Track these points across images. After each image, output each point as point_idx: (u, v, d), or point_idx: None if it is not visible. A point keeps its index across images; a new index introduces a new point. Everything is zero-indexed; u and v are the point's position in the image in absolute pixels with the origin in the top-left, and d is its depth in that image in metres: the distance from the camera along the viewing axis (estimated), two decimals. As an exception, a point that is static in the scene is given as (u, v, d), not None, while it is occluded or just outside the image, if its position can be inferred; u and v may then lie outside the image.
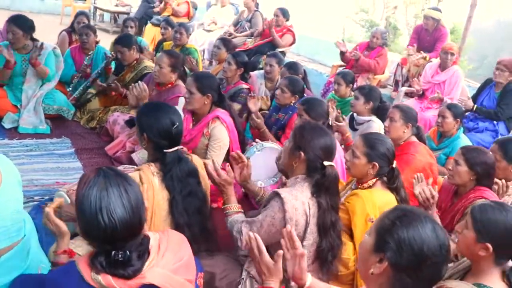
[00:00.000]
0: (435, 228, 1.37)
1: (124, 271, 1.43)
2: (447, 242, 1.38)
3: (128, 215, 1.44)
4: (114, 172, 1.51)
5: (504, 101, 4.75)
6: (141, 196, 1.53)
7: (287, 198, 2.09)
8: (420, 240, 1.34)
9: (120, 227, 1.42)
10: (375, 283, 1.41)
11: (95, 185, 1.44)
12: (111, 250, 1.43)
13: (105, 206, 1.41)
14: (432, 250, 1.34)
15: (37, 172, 3.50)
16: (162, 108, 2.45)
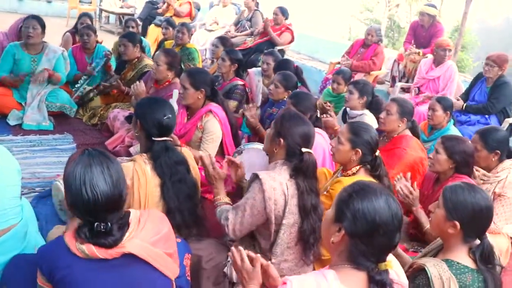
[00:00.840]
0: (388, 200, 1.49)
1: (105, 241, 1.58)
2: (399, 213, 1.50)
3: (109, 189, 1.60)
4: (98, 152, 1.68)
5: (494, 95, 4.85)
6: (122, 174, 1.68)
7: (265, 178, 2.23)
8: (373, 210, 1.46)
9: (102, 200, 1.58)
10: (336, 250, 1.54)
11: (80, 162, 1.61)
12: (94, 222, 1.58)
13: (89, 180, 1.58)
14: (384, 220, 1.46)
15: (39, 166, 3.67)
16: (159, 102, 2.64)
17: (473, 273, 2.01)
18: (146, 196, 2.42)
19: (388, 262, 1.50)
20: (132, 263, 1.65)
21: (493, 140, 3.20)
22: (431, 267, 2.01)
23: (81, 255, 1.58)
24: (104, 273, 1.61)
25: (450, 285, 1.96)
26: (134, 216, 1.71)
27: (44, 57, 4.53)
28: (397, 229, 1.48)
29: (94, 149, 1.68)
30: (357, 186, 1.55)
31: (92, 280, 1.60)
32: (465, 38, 16.58)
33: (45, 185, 3.32)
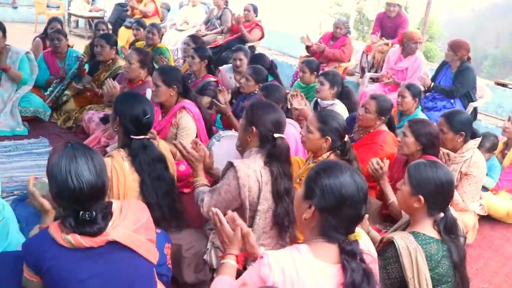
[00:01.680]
0: (353, 175, 1.59)
1: (90, 229, 1.65)
2: (365, 186, 1.61)
3: (94, 178, 1.66)
4: (81, 144, 1.75)
5: (458, 80, 5.05)
6: (104, 165, 1.75)
7: (240, 166, 2.33)
8: (339, 185, 1.57)
9: (87, 188, 1.65)
10: (308, 227, 1.64)
11: (64, 154, 1.68)
12: (79, 211, 1.65)
13: (74, 170, 1.64)
14: (350, 193, 1.56)
15: (16, 170, 3.69)
16: (138, 99, 2.67)
17: (438, 243, 2.15)
18: (125, 191, 2.47)
19: (357, 233, 1.61)
20: (117, 250, 1.72)
21: (458, 122, 3.35)
22: (399, 239, 2.14)
23: (67, 245, 1.64)
24: (90, 261, 1.68)
25: (417, 255, 2.09)
26: (116, 206, 1.78)
27: (8, 59, 4.50)
28: (363, 201, 1.59)
29: (76, 142, 1.75)
30: (323, 165, 1.66)
31: (79, 268, 1.66)
32: (433, 29, 16.99)
33: (23, 188, 3.34)
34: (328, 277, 1.53)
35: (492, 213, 3.84)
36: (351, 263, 1.54)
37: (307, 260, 1.53)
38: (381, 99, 3.56)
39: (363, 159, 3.36)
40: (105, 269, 1.70)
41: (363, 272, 1.56)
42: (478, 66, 26.70)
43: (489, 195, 3.87)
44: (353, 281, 1.52)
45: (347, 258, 1.55)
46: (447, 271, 2.14)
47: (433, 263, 2.10)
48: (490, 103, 5.81)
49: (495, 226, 3.87)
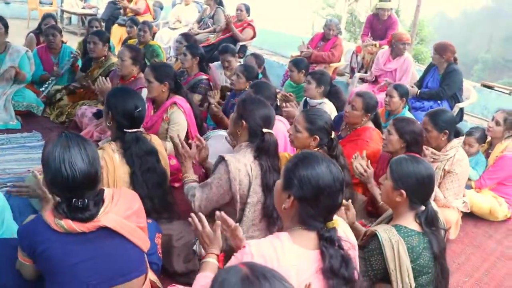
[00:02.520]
0: (329, 166, 1.67)
1: (82, 215, 1.72)
2: (340, 176, 1.69)
3: (87, 167, 1.73)
4: (74, 134, 1.82)
5: (445, 82, 5.14)
6: (97, 154, 1.82)
7: (230, 160, 2.40)
8: (316, 175, 1.64)
9: (80, 177, 1.71)
10: (288, 216, 1.72)
11: (58, 143, 1.74)
12: (72, 198, 1.71)
13: (67, 159, 1.70)
14: (327, 183, 1.64)
15: (9, 162, 3.74)
16: (130, 93, 2.75)
17: (419, 236, 2.23)
18: (115, 182, 2.53)
19: (335, 221, 1.69)
20: (108, 236, 1.79)
21: (442, 121, 3.43)
22: (382, 232, 2.22)
23: (60, 230, 1.71)
24: (81, 246, 1.75)
25: (399, 247, 2.18)
26: (108, 193, 1.85)
27: (7, 56, 4.55)
28: (339, 191, 1.67)
29: (70, 132, 1.82)
30: (301, 156, 1.74)
31: (71, 252, 1.74)
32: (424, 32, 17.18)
33: (16, 180, 3.39)
34: (307, 262, 1.61)
35: (475, 211, 3.93)
36: (329, 249, 1.62)
37: (287, 247, 1.61)
38: (367, 96, 3.64)
39: (350, 155, 3.44)
40: (96, 254, 1.77)
41: (341, 258, 1.64)
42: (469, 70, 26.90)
43: (473, 192, 3.97)
44: (331, 266, 1.60)
45: (326, 244, 1.63)
46: (427, 262, 2.22)
47: (415, 254, 2.18)
48: (476, 104, 5.94)
49: (478, 223, 3.96)
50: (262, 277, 1.11)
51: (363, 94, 3.66)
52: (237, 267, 1.16)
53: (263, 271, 1.14)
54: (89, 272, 1.77)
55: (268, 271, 1.15)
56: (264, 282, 1.10)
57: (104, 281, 1.80)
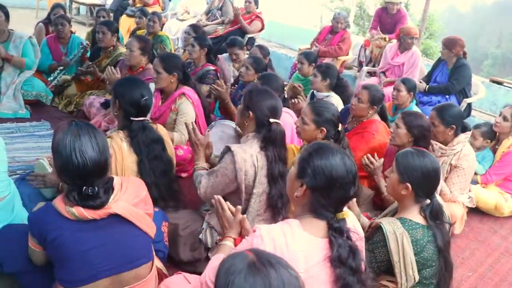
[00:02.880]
0: (344, 158, 1.69)
1: (93, 203, 1.75)
2: (354, 169, 1.71)
3: (97, 155, 1.76)
4: (84, 123, 1.85)
5: (454, 76, 5.13)
6: (106, 142, 1.85)
7: (237, 151, 2.43)
8: (330, 166, 1.66)
9: (90, 165, 1.74)
10: (300, 204, 1.75)
11: (69, 131, 1.77)
12: (83, 186, 1.74)
13: (78, 147, 1.73)
14: (340, 174, 1.66)
15: (18, 151, 3.78)
16: (136, 82, 2.78)
17: (424, 229, 2.25)
18: (123, 170, 2.57)
19: (345, 212, 1.71)
20: (117, 223, 1.82)
21: (449, 116, 3.44)
22: (386, 225, 2.24)
23: (71, 217, 1.75)
24: (92, 233, 1.78)
25: (403, 240, 2.20)
26: (117, 182, 1.89)
27: (11, 44, 4.55)
28: (352, 183, 1.69)
29: (80, 121, 1.84)
30: (316, 146, 1.76)
31: (81, 239, 1.77)
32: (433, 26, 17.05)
33: (25, 168, 3.44)
34: (316, 249, 1.64)
35: (481, 206, 3.93)
36: (338, 239, 1.64)
37: (297, 234, 1.63)
38: (373, 89, 3.65)
39: (356, 147, 3.47)
40: (107, 241, 1.80)
41: (349, 248, 1.66)
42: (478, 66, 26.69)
43: (478, 188, 3.96)
44: (339, 256, 1.63)
45: (335, 234, 1.65)
46: (431, 255, 2.24)
47: (419, 247, 2.20)
48: (485, 100, 5.92)
49: (483, 219, 3.97)
50: (268, 264, 1.14)
51: (369, 86, 3.67)
52: (243, 254, 1.18)
53: (269, 258, 1.17)
54: (100, 259, 1.80)
55: (273, 258, 1.18)
56: (270, 268, 1.13)
57: (114, 267, 1.83)
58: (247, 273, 1.12)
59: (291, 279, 1.14)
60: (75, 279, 1.77)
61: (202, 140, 2.72)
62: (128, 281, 1.88)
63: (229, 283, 1.11)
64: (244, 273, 1.12)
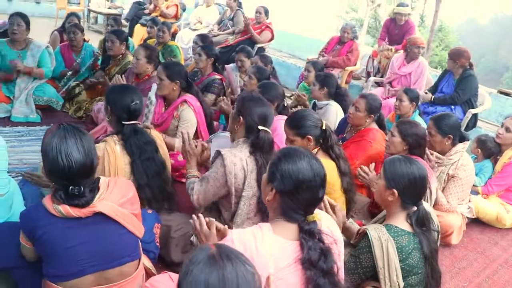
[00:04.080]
0: (311, 161, 1.74)
1: (78, 201, 1.84)
2: (322, 172, 1.75)
3: (82, 157, 1.84)
4: (72, 126, 1.92)
5: (460, 87, 5.13)
6: (93, 145, 1.93)
7: (226, 155, 2.50)
8: (297, 170, 1.72)
9: (76, 166, 1.82)
10: (271, 207, 1.81)
11: (56, 134, 1.86)
12: (69, 186, 1.83)
13: (64, 150, 1.82)
14: (307, 177, 1.71)
15: (26, 153, 3.92)
16: (127, 88, 2.88)
17: (409, 236, 2.27)
18: (116, 172, 2.65)
19: (315, 214, 1.76)
20: (103, 221, 1.90)
21: (445, 125, 3.46)
22: (372, 231, 2.28)
23: (58, 215, 1.83)
24: (78, 230, 1.86)
25: (388, 246, 2.23)
26: (103, 182, 1.97)
27: (28, 52, 4.73)
28: (320, 185, 1.74)
29: (68, 124, 1.93)
30: (285, 151, 1.82)
31: (68, 235, 1.85)
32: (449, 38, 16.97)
33: (31, 170, 3.53)
34: (286, 252, 1.69)
35: (481, 217, 3.91)
36: (308, 241, 1.69)
37: (267, 237, 1.68)
38: (370, 97, 3.69)
39: (353, 156, 3.51)
40: (91, 238, 1.88)
41: (321, 250, 1.70)
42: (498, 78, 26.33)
43: (479, 198, 3.95)
44: (309, 258, 1.67)
45: (305, 236, 1.70)
46: (417, 262, 2.26)
47: (404, 254, 2.23)
48: (492, 111, 5.89)
49: (484, 230, 3.94)
50: (226, 258, 1.20)
51: (367, 95, 3.71)
52: (208, 247, 1.25)
53: (228, 252, 1.22)
54: (84, 255, 1.87)
55: (233, 253, 1.23)
56: (227, 262, 1.18)
57: (98, 264, 1.90)
58: (205, 264, 1.18)
59: (246, 274, 1.19)
60: (61, 274, 1.85)
61: (195, 150, 2.80)
62: (113, 278, 1.95)
63: (189, 272, 1.18)
64: (202, 264, 1.18)
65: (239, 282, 1.16)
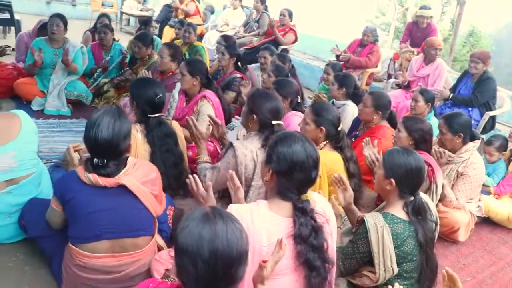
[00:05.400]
0: (305, 145, 1.91)
1: (104, 171, 2.09)
2: (315, 155, 1.92)
3: (108, 136, 2.09)
4: (118, 109, 2.21)
5: (478, 89, 5.17)
6: (125, 132, 2.16)
7: (238, 146, 2.68)
8: (291, 152, 1.89)
9: (100, 142, 2.08)
10: (269, 187, 1.98)
11: (101, 110, 2.16)
12: (95, 157, 2.08)
13: (97, 124, 2.08)
14: (300, 159, 1.88)
15: (57, 143, 4.21)
16: (150, 83, 3.09)
17: (405, 224, 2.39)
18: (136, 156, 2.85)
19: (308, 194, 1.92)
20: (124, 194, 2.15)
21: (456, 124, 3.54)
22: (369, 217, 2.41)
23: (87, 182, 2.09)
24: (102, 198, 2.12)
25: (383, 232, 2.35)
26: (131, 160, 2.22)
27: (64, 50, 5.05)
28: (312, 167, 1.90)
29: (117, 107, 2.20)
30: (282, 135, 2.00)
31: (92, 202, 2.11)
32: (480, 43, 16.73)
33: (60, 157, 3.82)
34: (279, 227, 1.86)
35: (492, 216, 3.95)
36: (300, 218, 1.85)
37: (263, 212, 1.86)
38: (377, 94, 3.84)
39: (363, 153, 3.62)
40: (112, 206, 2.13)
41: (312, 227, 1.86)
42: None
43: (490, 198, 4.00)
44: (300, 233, 1.83)
45: (298, 213, 1.86)
46: (412, 250, 2.37)
47: (399, 241, 2.34)
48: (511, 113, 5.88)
49: (495, 230, 3.97)
50: (218, 216, 1.39)
51: (374, 92, 3.86)
52: (203, 207, 1.44)
53: (221, 212, 1.42)
54: (103, 221, 2.12)
55: (226, 213, 1.42)
56: (219, 219, 1.37)
57: (115, 231, 2.14)
58: (199, 220, 1.37)
59: (235, 230, 1.38)
60: (81, 236, 2.11)
61: (203, 134, 2.97)
62: (127, 247, 2.18)
63: (184, 227, 1.37)
64: (197, 220, 1.37)
65: (228, 236, 1.35)
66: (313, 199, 1.93)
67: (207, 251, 1.31)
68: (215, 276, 1.33)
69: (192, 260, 1.32)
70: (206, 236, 1.32)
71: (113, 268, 2.16)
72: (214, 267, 1.32)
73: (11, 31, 8.18)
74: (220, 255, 1.32)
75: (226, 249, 1.32)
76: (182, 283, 1.41)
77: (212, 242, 1.32)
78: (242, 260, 1.37)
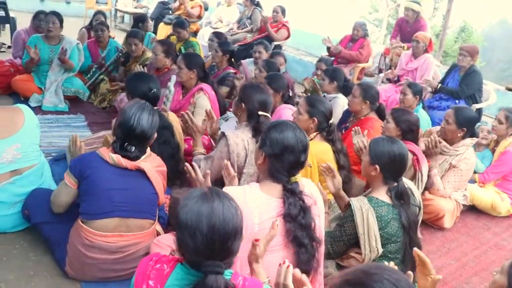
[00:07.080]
0: (295, 131, 2.08)
1: (130, 154, 2.31)
2: (304, 140, 2.08)
3: (146, 127, 2.35)
4: (152, 105, 2.46)
5: (464, 82, 5.33)
6: (157, 126, 2.42)
7: (230, 135, 2.82)
8: (282, 137, 2.05)
9: (138, 131, 2.32)
10: (261, 170, 2.13)
11: (138, 103, 2.41)
12: (125, 142, 2.31)
13: (139, 115, 2.33)
14: (291, 143, 2.04)
15: (55, 137, 4.33)
16: (144, 78, 3.23)
17: (388, 207, 2.53)
18: None
19: (298, 176, 2.07)
20: (141, 177, 2.37)
21: (464, 118, 3.70)
22: (354, 201, 2.55)
23: (110, 162, 2.29)
24: (121, 177, 2.33)
25: (368, 215, 2.49)
26: (149, 151, 2.45)
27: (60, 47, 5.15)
28: (302, 151, 2.06)
29: (146, 103, 2.45)
30: (274, 123, 2.15)
31: (111, 179, 2.31)
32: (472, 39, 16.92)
33: (59, 151, 3.95)
34: (270, 207, 2.01)
35: (477, 204, 4.11)
36: (289, 198, 2.00)
37: (255, 193, 2.01)
38: (364, 85, 4.01)
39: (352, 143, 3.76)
40: (129, 187, 2.33)
41: (300, 207, 2.01)
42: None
43: (475, 186, 4.15)
44: (289, 213, 1.98)
45: (287, 194, 2.01)
46: (396, 231, 2.51)
47: (383, 223, 2.49)
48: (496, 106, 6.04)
49: (479, 217, 4.14)
50: (215, 195, 1.53)
51: (362, 83, 4.04)
52: (202, 188, 1.58)
53: (218, 191, 1.56)
54: (119, 198, 2.31)
55: (222, 192, 1.57)
56: (216, 198, 1.51)
57: (127, 210, 2.34)
58: (198, 198, 1.51)
59: (230, 207, 1.52)
60: (95, 212, 2.29)
61: (199, 127, 3.11)
62: (132, 228, 2.36)
63: (185, 205, 1.51)
64: (196, 199, 1.51)
65: (224, 212, 1.49)
66: (302, 183, 2.07)
67: (205, 225, 1.44)
68: (212, 249, 1.46)
69: (192, 234, 1.45)
70: (205, 213, 1.46)
71: (118, 249, 2.34)
72: (212, 241, 1.45)
73: (6, 28, 8.25)
74: (217, 230, 1.45)
75: (222, 224, 1.46)
76: (183, 256, 1.55)
77: (209, 218, 1.45)
78: (237, 235, 1.51)
